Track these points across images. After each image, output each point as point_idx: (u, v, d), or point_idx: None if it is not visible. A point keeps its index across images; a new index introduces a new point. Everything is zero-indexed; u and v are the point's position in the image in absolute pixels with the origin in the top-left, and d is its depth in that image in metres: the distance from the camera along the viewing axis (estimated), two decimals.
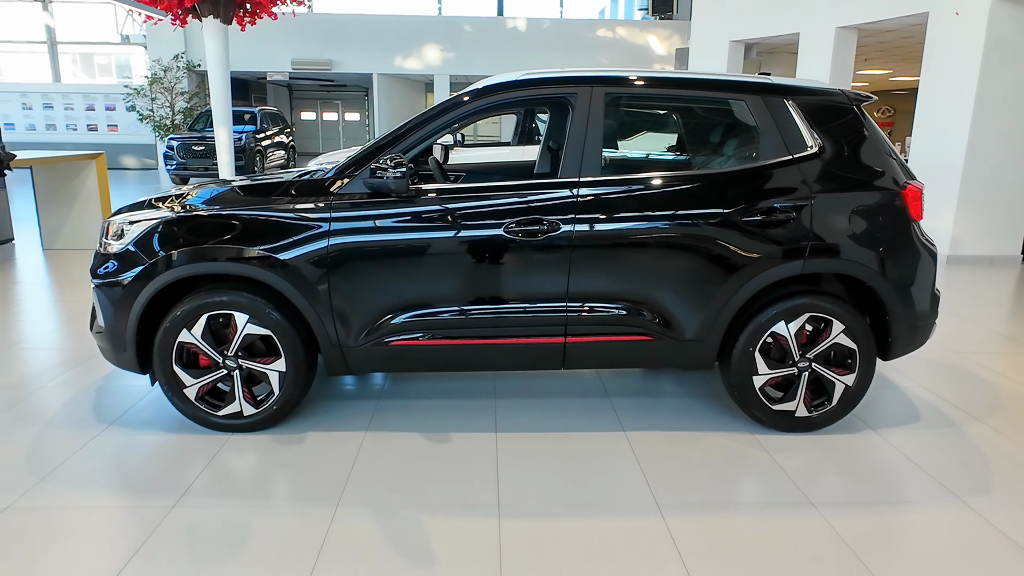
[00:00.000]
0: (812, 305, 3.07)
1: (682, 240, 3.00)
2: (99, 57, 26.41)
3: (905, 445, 3.13)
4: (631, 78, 3.14)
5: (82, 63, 26.54)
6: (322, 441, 3.08)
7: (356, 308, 2.99)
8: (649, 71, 3.16)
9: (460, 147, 7.81)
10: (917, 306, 3.15)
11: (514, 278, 3.01)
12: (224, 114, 11.21)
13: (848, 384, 3.15)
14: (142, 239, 2.99)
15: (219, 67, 11.92)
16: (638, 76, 3.14)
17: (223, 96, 11.41)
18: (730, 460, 2.98)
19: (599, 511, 2.57)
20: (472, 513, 2.54)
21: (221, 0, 11.66)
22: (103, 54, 25.51)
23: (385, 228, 2.95)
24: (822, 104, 3.14)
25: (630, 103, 3.29)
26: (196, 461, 2.88)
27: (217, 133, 10.60)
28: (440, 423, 3.27)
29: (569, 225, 2.96)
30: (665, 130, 3.50)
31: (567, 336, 3.06)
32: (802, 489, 2.74)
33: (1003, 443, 3.18)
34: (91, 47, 21.22)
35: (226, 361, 3.04)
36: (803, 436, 3.20)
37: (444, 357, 3.12)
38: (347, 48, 18.65)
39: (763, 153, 3.09)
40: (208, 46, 12.22)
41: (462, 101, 3.06)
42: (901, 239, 3.09)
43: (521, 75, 3.14)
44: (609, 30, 18.78)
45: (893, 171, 3.13)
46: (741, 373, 3.13)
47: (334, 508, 2.56)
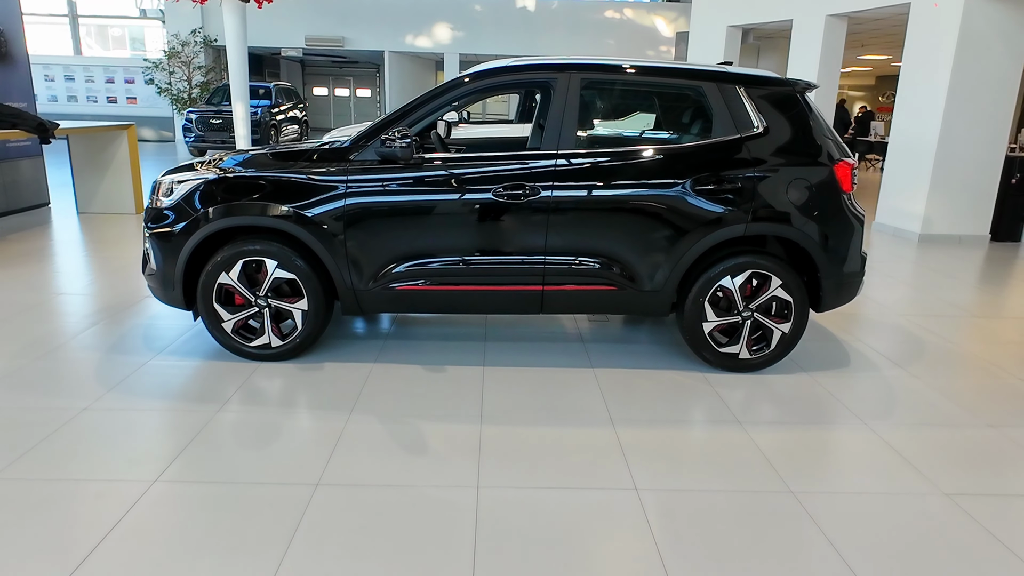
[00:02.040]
0: (753, 263, 3.61)
1: (643, 205, 3.54)
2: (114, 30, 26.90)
3: (829, 383, 3.69)
4: (604, 65, 3.67)
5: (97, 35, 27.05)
6: (337, 369, 3.67)
7: (367, 257, 3.56)
8: (619, 59, 3.69)
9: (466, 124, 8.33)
10: (845, 266, 3.69)
11: (500, 234, 3.57)
12: (241, 89, 11.71)
13: (784, 331, 3.71)
14: (189, 196, 3.56)
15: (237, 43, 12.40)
16: (610, 64, 3.66)
17: (241, 72, 11.90)
18: (678, 391, 3.55)
19: (562, 423, 3.15)
20: (459, 421, 3.12)
21: None
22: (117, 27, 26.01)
23: (392, 190, 3.51)
24: (768, 91, 3.66)
25: (603, 87, 3.81)
26: (233, 381, 3.47)
27: (235, 107, 11.12)
28: (437, 358, 3.86)
29: (548, 190, 3.51)
30: (633, 110, 4.03)
31: (544, 285, 3.62)
32: (734, 413, 3.31)
33: (913, 383, 3.74)
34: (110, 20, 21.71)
35: (257, 300, 3.62)
36: (745, 375, 3.76)
37: (440, 301, 3.70)
38: (360, 26, 19.06)
39: (716, 132, 3.62)
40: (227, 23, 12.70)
41: (461, 83, 3.61)
42: (832, 208, 3.63)
43: (512, 61, 3.68)
44: (617, 11, 19.11)
45: (828, 149, 3.65)
46: (692, 320, 3.69)
47: (348, 414, 3.15)
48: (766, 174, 3.56)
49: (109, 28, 26.70)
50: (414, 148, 3.41)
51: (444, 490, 2.58)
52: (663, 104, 3.87)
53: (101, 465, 2.66)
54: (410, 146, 3.38)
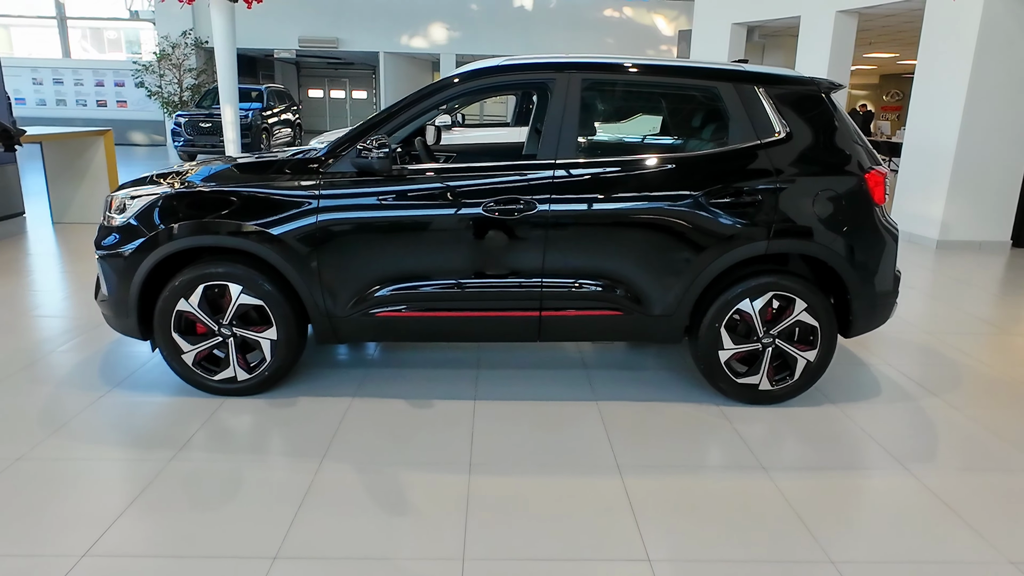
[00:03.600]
0: (776, 284, 3.23)
1: (652, 220, 3.16)
2: (109, 32, 26.54)
3: (860, 417, 3.31)
4: (608, 64, 3.29)
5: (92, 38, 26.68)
6: (312, 405, 3.29)
7: (343, 280, 3.18)
8: (626, 58, 3.31)
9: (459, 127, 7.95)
10: (877, 286, 3.31)
11: (492, 255, 3.19)
12: (230, 92, 11.36)
13: (810, 360, 3.32)
14: (142, 213, 3.18)
15: (225, 45, 12.05)
16: (614, 63, 3.29)
17: (229, 74, 11.55)
18: (692, 428, 3.17)
19: (561, 470, 2.77)
20: (445, 469, 2.74)
21: None
22: (112, 29, 25.64)
23: (370, 205, 3.13)
24: (791, 92, 3.28)
25: (607, 88, 3.43)
26: (193, 421, 3.09)
27: (223, 110, 10.75)
28: (424, 390, 3.47)
29: (545, 205, 3.13)
30: (640, 115, 3.65)
31: (542, 310, 3.24)
32: (756, 455, 2.93)
33: (952, 416, 3.36)
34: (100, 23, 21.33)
35: (221, 329, 3.24)
36: (766, 408, 3.38)
37: (426, 328, 3.32)
38: (354, 26, 18.69)
39: (732, 138, 3.24)
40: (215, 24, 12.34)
41: (449, 84, 3.22)
42: (863, 222, 3.25)
43: (504, 60, 3.30)
44: (616, 10, 18.72)
45: (858, 156, 3.27)
46: (707, 347, 3.31)
47: (319, 462, 2.77)
48: (789, 185, 3.18)
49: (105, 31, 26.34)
50: (393, 159, 3.03)
51: (424, 563, 2.20)
52: (674, 107, 3.49)
53: (23, 535, 2.28)
54: (388, 156, 3.00)
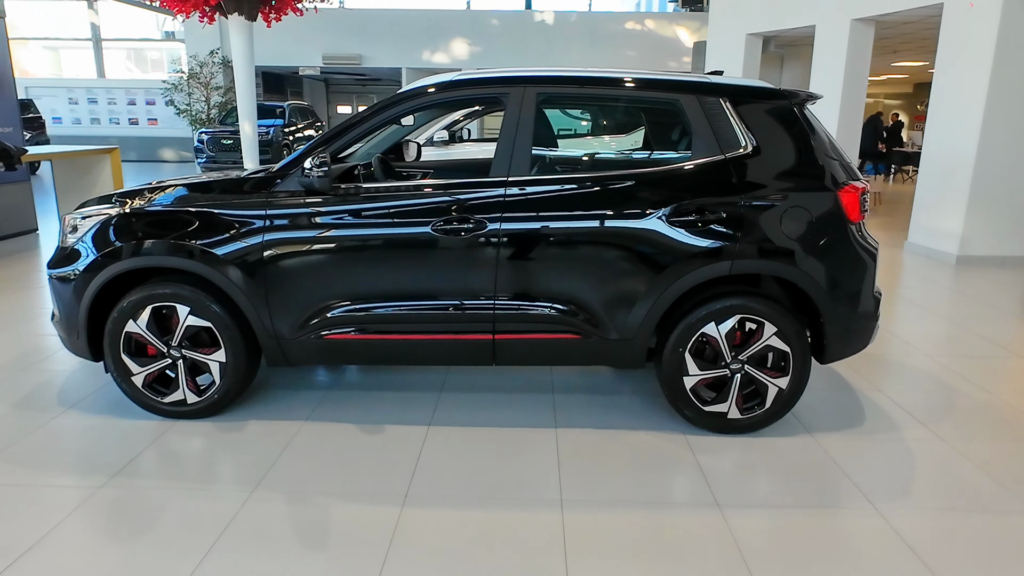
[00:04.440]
0: (742, 307, 3.06)
1: (608, 239, 3.02)
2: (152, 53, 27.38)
3: (836, 448, 3.10)
4: (564, 77, 3.17)
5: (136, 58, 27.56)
6: (260, 429, 3.21)
7: (291, 302, 3.10)
8: (583, 70, 3.18)
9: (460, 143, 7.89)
10: (852, 309, 3.11)
11: (442, 276, 3.08)
12: (248, 108, 11.55)
13: (781, 387, 3.13)
14: (91, 234, 3.16)
15: (244, 62, 12.27)
16: (571, 76, 3.16)
17: (248, 91, 11.75)
18: (651, 459, 2.99)
19: (500, 503, 2.62)
20: (379, 501, 2.62)
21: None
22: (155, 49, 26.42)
23: (316, 225, 3.05)
24: (759, 104, 3.12)
25: (563, 103, 3.31)
26: (137, 445, 3.03)
27: (242, 126, 10.92)
28: (379, 415, 3.37)
29: (496, 224, 3.01)
30: (600, 129, 3.51)
31: (495, 333, 3.11)
32: (713, 490, 2.74)
33: (938, 448, 3.12)
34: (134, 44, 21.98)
35: (170, 351, 3.19)
36: (735, 437, 3.19)
37: (376, 351, 3.21)
38: (376, 43, 18.90)
39: (695, 152, 3.08)
40: (233, 42, 12.58)
41: (395, 101, 3.14)
42: (835, 240, 3.05)
43: (457, 75, 3.20)
44: (637, 23, 18.59)
45: (832, 171, 3.08)
46: (671, 373, 3.14)
47: (251, 491, 2.68)
48: (755, 201, 3.01)
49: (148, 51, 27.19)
50: (354, 176, 2.94)
51: None
52: (634, 121, 3.35)
53: None
54: (326, 175, 2.92)
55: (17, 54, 24.79)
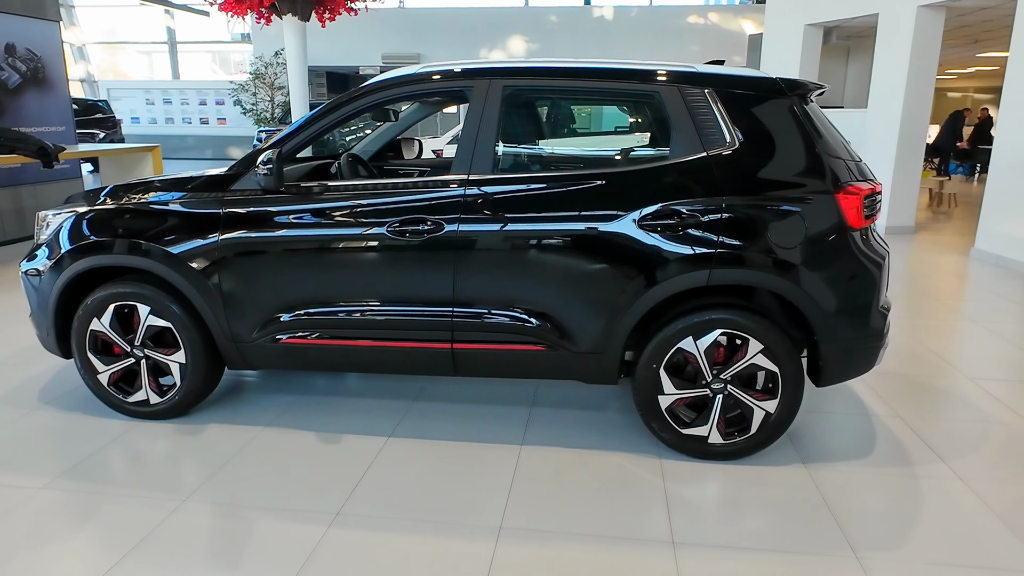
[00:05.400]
0: (724, 320, 2.75)
1: (575, 244, 2.78)
2: (235, 55, 28.49)
3: (830, 483, 2.74)
4: (533, 69, 2.94)
5: (219, 60, 28.75)
6: (218, 434, 3.13)
7: (246, 304, 3.00)
8: (555, 61, 2.94)
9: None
10: (852, 325, 2.75)
11: (398, 280, 2.91)
12: (302, 106, 11.79)
13: (769, 411, 2.80)
14: (58, 232, 3.15)
15: (297, 62, 12.53)
16: (540, 67, 2.93)
17: (301, 89, 12.02)
18: (616, 485, 2.73)
19: (433, 528, 2.43)
20: (308, 518, 2.48)
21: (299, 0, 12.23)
22: (237, 52, 27.46)
23: (269, 225, 2.94)
24: (749, 96, 2.80)
25: (532, 96, 3.08)
26: (92, 445, 3.00)
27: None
28: (343, 423, 3.23)
29: (453, 225, 2.82)
30: (572, 124, 3.25)
31: (454, 342, 2.92)
32: (674, 525, 2.46)
33: (953, 489, 2.72)
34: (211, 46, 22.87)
35: (133, 350, 3.15)
36: (716, 465, 2.89)
37: (334, 357, 3.08)
38: (435, 42, 18.97)
39: (674, 150, 2.79)
40: (287, 42, 12.85)
41: (354, 97, 2.99)
42: (831, 248, 2.71)
43: (419, 68, 3.02)
44: (700, 16, 17.93)
45: (832, 171, 2.73)
46: (645, 391, 2.87)
47: (182, 501, 2.58)
48: (739, 205, 2.70)
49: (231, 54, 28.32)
50: (279, 175, 2.82)
51: None
52: (609, 116, 3.08)
53: None
54: (271, 174, 2.79)
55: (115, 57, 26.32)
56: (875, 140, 8.58)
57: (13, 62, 7.36)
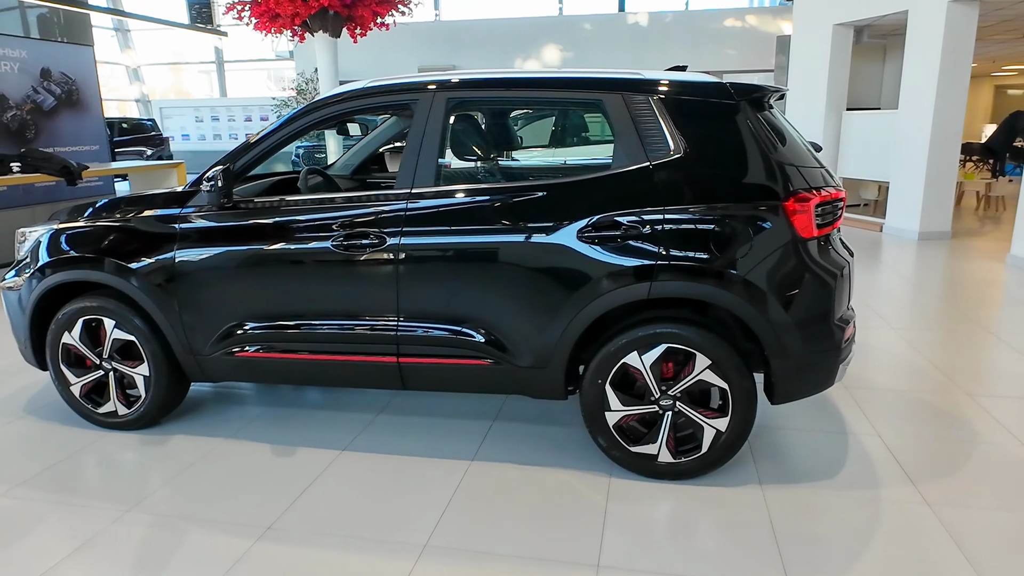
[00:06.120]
0: (669, 334, 2.66)
1: (516, 257, 2.73)
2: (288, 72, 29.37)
3: (783, 506, 2.61)
4: (477, 80, 2.91)
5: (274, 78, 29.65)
6: (182, 444, 3.19)
7: (201, 317, 3.06)
8: (500, 72, 2.91)
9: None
10: (805, 339, 2.62)
11: (344, 294, 2.92)
12: None
13: (720, 429, 2.69)
14: (35, 247, 3.28)
15: (329, 78, 12.83)
16: (485, 78, 2.90)
17: None
18: (557, 503, 2.66)
19: (359, 546, 2.41)
20: (240, 532, 2.50)
21: (329, 16, 12.53)
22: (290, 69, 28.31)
23: (220, 241, 2.99)
24: (694, 102, 2.71)
25: (478, 107, 3.05)
26: (59, 455, 3.10)
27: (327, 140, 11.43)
28: (303, 436, 3.25)
29: (396, 239, 2.81)
30: (516, 135, 3.20)
31: (400, 356, 2.91)
32: (603, 547, 2.38)
33: (915, 514, 2.54)
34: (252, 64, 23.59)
35: (102, 363, 3.25)
36: (667, 484, 2.78)
37: (286, 371, 3.11)
38: (470, 53, 19.11)
39: (617, 159, 2.72)
40: (319, 58, 13.16)
41: (303, 113, 3.02)
42: (778, 259, 2.58)
43: (367, 82, 3.03)
44: (738, 19, 17.55)
45: (781, 178, 2.61)
46: (592, 407, 2.79)
47: (124, 512, 2.64)
48: (681, 215, 2.61)
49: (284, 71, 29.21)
50: (222, 192, 2.87)
51: None
52: (553, 126, 3.03)
53: None
54: (215, 190, 2.85)
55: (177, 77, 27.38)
56: (906, 142, 8.22)
57: (48, 85, 7.75)
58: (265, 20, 12.40)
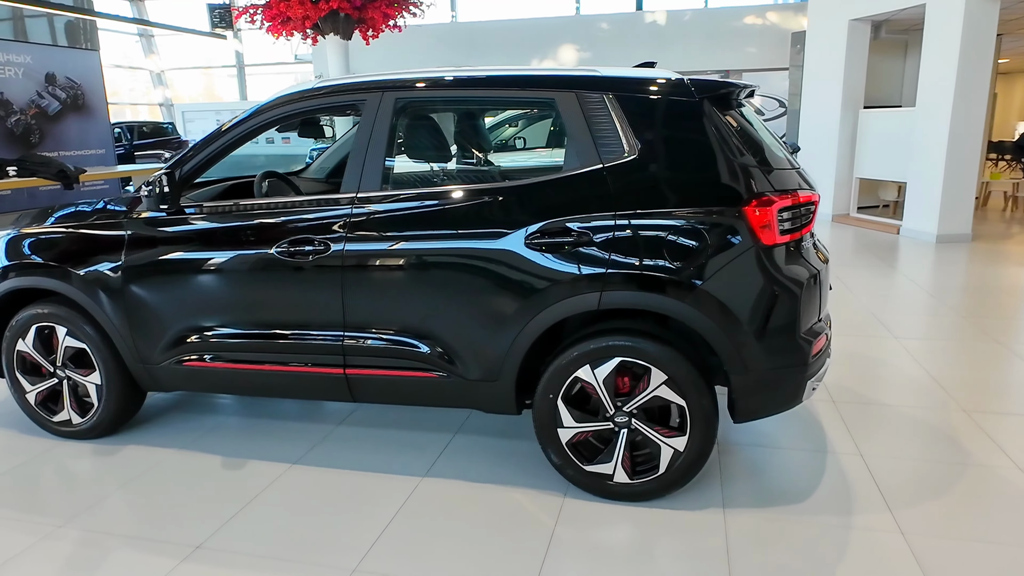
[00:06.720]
0: (622, 348, 2.50)
1: (462, 265, 2.60)
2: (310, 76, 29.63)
3: (744, 533, 2.43)
4: (426, 80, 2.78)
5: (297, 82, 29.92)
6: (132, 455, 3.11)
7: (149, 326, 2.98)
8: (451, 71, 2.77)
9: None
10: (766, 354, 2.44)
11: (288, 303, 2.81)
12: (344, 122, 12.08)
13: (678, 449, 2.52)
14: None
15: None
16: (434, 78, 2.77)
17: None
18: (503, 525, 2.52)
19: (287, 568, 2.30)
20: (164, 552, 2.40)
21: (340, 19, 12.54)
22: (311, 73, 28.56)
23: (165, 248, 2.91)
24: (651, 100, 2.54)
25: (427, 108, 2.92)
26: (6, 464, 3.05)
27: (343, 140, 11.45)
28: (258, 448, 3.15)
29: (340, 245, 2.70)
30: (467, 137, 3.06)
31: (346, 368, 2.79)
32: (541, 574, 2.23)
33: (885, 543, 2.34)
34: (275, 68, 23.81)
35: (57, 371, 3.19)
36: (623, 506, 2.62)
37: (235, 381, 3.01)
38: (487, 54, 19.02)
39: (569, 161, 2.57)
40: (330, 61, 13.17)
41: (250, 116, 2.93)
42: (736, 267, 2.41)
43: (314, 83, 2.93)
44: (759, 16, 17.18)
45: (743, 180, 2.44)
46: (544, 423, 2.65)
47: (58, 527, 2.56)
48: (633, 220, 2.45)
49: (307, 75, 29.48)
50: (159, 198, 2.78)
51: None
52: (505, 127, 2.88)
53: None
54: (153, 195, 2.76)
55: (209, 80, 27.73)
56: (924, 141, 7.90)
57: (53, 90, 7.83)
58: (277, 23, 12.45)
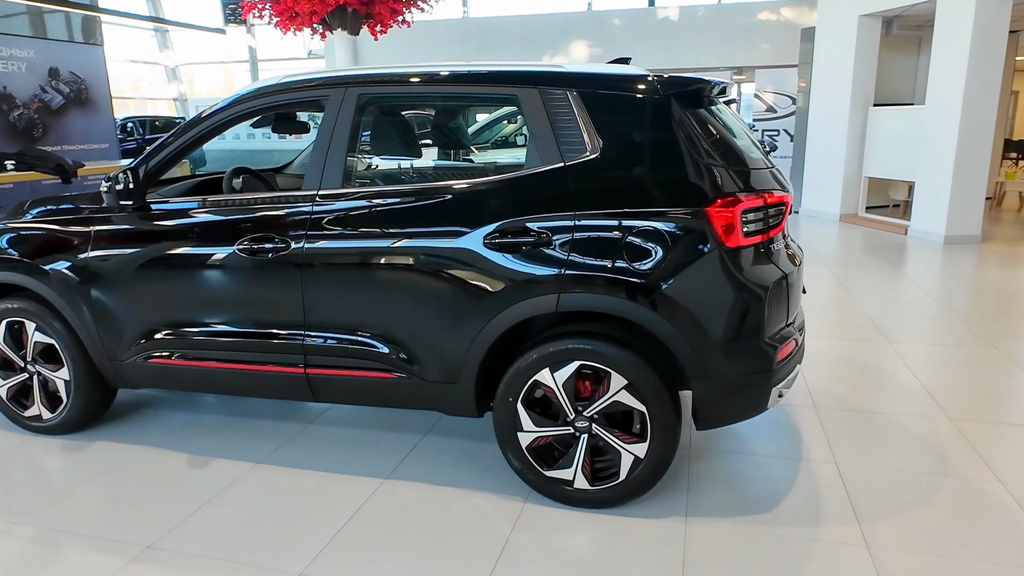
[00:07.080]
0: (581, 351, 2.44)
1: (420, 264, 2.55)
2: None
3: (704, 544, 2.36)
4: (391, 76, 2.73)
5: None
6: (100, 452, 3.11)
7: (114, 322, 2.97)
8: (416, 66, 2.72)
9: None
10: (728, 359, 2.37)
11: (250, 301, 2.78)
12: None
13: (638, 455, 2.46)
14: None
15: None
16: (396, 74, 2.72)
17: None
18: (458, 531, 2.47)
19: (235, 570, 2.27)
20: (114, 551, 2.38)
21: (348, 14, 12.53)
22: None
23: (127, 244, 2.89)
24: (616, 97, 2.47)
25: (391, 104, 2.87)
26: None
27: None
28: (223, 446, 3.13)
29: (300, 243, 2.66)
30: (431, 134, 3.00)
31: (307, 367, 2.76)
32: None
33: (849, 558, 2.26)
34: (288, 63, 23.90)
35: (27, 366, 3.20)
36: (583, 513, 2.56)
37: (199, 379, 2.99)
38: (499, 50, 18.94)
39: (530, 159, 2.51)
40: (338, 56, 13.16)
41: (212, 112, 2.89)
42: (697, 270, 2.34)
43: (278, 79, 2.89)
44: (773, 12, 16.92)
45: (708, 179, 2.36)
46: (504, 427, 2.60)
47: (13, 524, 2.55)
48: (592, 220, 2.39)
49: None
50: (122, 194, 2.76)
51: None
52: (468, 123, 2.82)
53: None
54: (112, 191, 2.74)
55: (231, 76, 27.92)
56: (933, 139, 7.72)
57: (56, 85, 7.89)
58: (285, 19, 12.47)
